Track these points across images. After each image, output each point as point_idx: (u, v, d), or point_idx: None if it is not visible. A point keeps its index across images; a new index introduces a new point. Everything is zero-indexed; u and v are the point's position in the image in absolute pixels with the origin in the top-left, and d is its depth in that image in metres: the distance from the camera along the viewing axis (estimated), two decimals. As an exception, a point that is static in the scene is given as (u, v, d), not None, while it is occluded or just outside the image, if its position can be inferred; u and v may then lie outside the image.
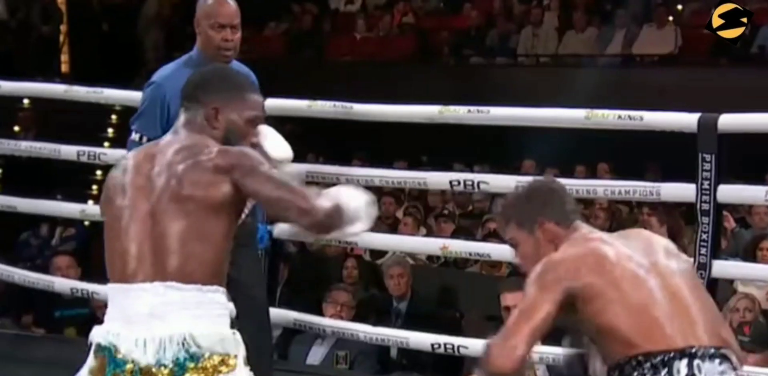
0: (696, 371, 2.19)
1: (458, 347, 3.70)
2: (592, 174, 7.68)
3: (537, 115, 3.77)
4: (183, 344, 2.10)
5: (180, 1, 11.48)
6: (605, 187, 3.68)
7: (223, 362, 2.13)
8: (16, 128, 8.70)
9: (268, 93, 4.22)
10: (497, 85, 9.63)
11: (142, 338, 2.09)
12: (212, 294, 2.15)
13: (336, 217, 2.18)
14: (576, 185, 3.74)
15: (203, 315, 2.13)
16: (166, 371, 2.08)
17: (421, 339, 3.82)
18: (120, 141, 3.85)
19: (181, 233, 2.13)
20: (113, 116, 9.17)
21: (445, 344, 3.72)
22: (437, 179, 3.95)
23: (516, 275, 4.76)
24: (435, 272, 5.84)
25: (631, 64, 10.03)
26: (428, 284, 5.33)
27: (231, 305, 2.26)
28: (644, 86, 8.96)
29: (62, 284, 4.31)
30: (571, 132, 4.01)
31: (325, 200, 2.18)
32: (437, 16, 11.25)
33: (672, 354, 2.20)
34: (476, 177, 3.85)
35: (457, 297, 5.36)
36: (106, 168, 3.61)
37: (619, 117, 3.57)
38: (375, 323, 4.15)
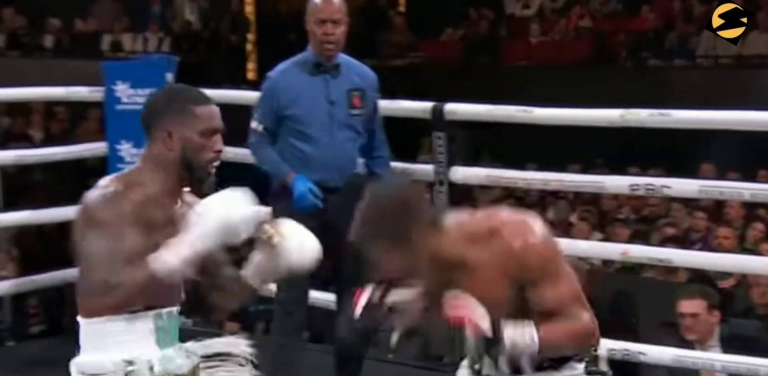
0: None
1: (636, 352, 3.68)
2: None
3: (724, 119, 3.66)
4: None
5: (363, 7, 11.75)
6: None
7: None
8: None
9: (446, 98, 4.34)
10: (676, 88, 9.44)
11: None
12: (101, 325, 2.19)
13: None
14: (762, 190, 3.65)
15: (88, 348, 2.21)
16: None
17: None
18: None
19: (83, 268, 2.20)
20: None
21: (623, 350, 3.69)
22: (616, 183, 3.92)
23: (695, 282, 4.69)
24: (610, 276, 5.79)
25: (819, 64, 9.64)
26: (602, 288, 5.28)
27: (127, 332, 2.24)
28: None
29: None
30: (751, 135, 3.90)
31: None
32: (614, 18, 11.10)
33: None
34: (658, 181, 3.76)
35: (632, 303, 5.30)
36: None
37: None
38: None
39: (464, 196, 6.40)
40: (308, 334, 5.20)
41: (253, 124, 3.69)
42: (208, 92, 4.84)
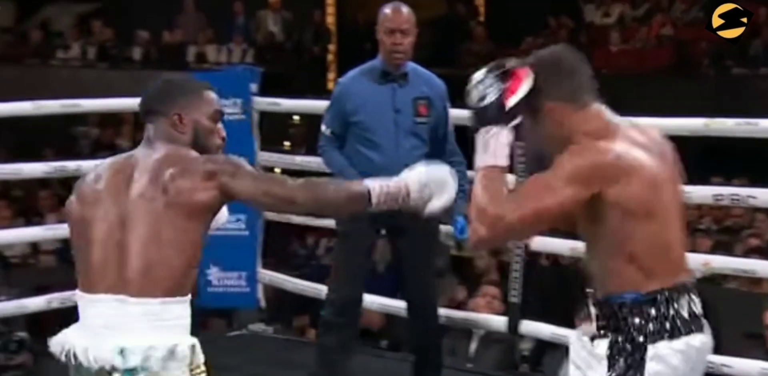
0: (694, 307, 2.12)
1: (720, 365, 3.63)
2: None
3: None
4: (127, 356, 2.08)
5: (443, 17, 11.80)
6: None
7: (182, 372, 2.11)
8: (287, 143, 9.23)
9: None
10: (760, 96, 9.27)
11: (94, 348, 2.11)
12: (172, 305, 2.13)
13: (342, 203, 2.20)
14: None
15: (155, 328, 2.11)
16: None
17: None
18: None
19: (150, 244, 2.12)
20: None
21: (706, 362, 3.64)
22: (700, 193, 3.87)
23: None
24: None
25: None
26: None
27: (186, 315, 2.18)
28: None
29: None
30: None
31: (327, 186, 2.20)
32: (696, 26, 10.96)
33: (679, 289, 2.10)
34: (743, 191, 3.70)
35: (715, 314, 5.22)
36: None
37: None
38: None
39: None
40: (386, 342, 5.25)
41: (322, 128, 3.81)
42: (293, 102, 4.97)
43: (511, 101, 2.10)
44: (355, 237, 3.72)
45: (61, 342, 2.18)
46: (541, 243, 4.10)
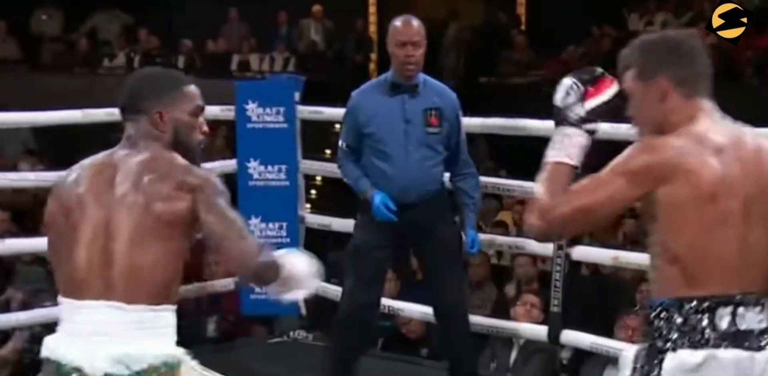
0: (739, 321, 2.05)
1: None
2: None
3: None
4: (123, 363, 2.08)
5: (483, 26, 11.79)
6: None
7: None
8: (328, 152, 9.27)
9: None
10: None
11: (84, 355, 2.09)
12: (159, 313, 2.13)
13: (266, 273, 2.18)
14: None
15: (147, 335, 2.11)
16: None
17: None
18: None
19: (135, 249, 2.11)
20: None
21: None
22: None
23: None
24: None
25: None
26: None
27: (174, 324, 2.19)
28: None
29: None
30: None
31: (267, 254, 2.17)
32: (742, 35, 10.86)
33: (719, 300, 2.04)
34: None
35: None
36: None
37: None
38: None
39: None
40: (426, 350, 5.26)
41: (339, 142, 3.89)
42: (335, 111, 5.03)
43: (588, 105, 2.21)
44: (365, 246, 3.79)
45: (49, 349, 2.17)
46: (582, 253, 4.10)
